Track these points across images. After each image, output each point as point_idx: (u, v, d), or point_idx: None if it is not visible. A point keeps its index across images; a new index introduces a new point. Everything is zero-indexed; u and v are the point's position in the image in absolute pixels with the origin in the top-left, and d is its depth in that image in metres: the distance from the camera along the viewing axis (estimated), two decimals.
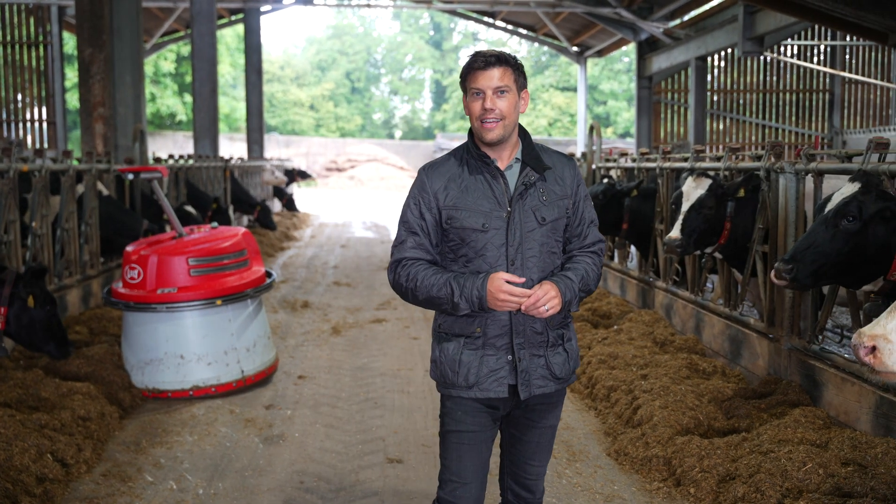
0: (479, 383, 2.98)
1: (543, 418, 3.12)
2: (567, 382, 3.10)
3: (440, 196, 3.00)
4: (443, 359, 3.04)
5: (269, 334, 6.99)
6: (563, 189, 3.06)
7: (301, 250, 16.40)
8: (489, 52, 2.94)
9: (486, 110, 2.91)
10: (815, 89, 23.23)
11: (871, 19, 10.51)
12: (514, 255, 2.95)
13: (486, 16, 26.75)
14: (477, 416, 3.03)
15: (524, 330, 2.98)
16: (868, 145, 4.83)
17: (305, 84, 58.34)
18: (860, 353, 2.65)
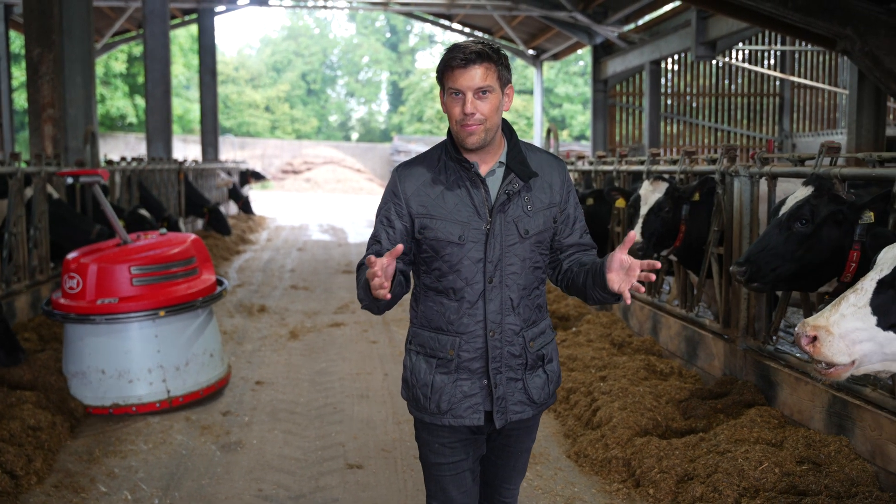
0: (452, 410, 2.74)
1: (520, 442, 2.91)
2: (545, 406, 2.87)
3: (412, 203, 2.71)
4: (414, 381, 2.80)
5: (216, 350, 6.53)
6: (551, 196, 2.78)
7: (257, 253, 16.22)
8: (469, 47, 2.60)
9: (467, 115, 2.62)
10: (765, 93, 23.67)
11: (819, 25, 10.72)
12: (492, 271, 2.69)
13: (443, 18, 26.77)
14: (457, 445, 2.80)
15: (501, 353, 2.73)
16: (820, 149, 4.92)
17: (261, 85, 57.79)
18: (802, 342, 2.70)
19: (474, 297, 2.70)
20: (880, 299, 2.69)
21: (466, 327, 2.71)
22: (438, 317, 2.75)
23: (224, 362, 6.70)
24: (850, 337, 2.65)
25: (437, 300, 2.75)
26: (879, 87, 11.62)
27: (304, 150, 49.44)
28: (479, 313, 2.71)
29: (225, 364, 6.71)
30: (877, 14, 10.59)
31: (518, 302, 2.73)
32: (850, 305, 2.70)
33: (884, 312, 2.67)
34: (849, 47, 10.66)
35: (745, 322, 5.68)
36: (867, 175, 4.54)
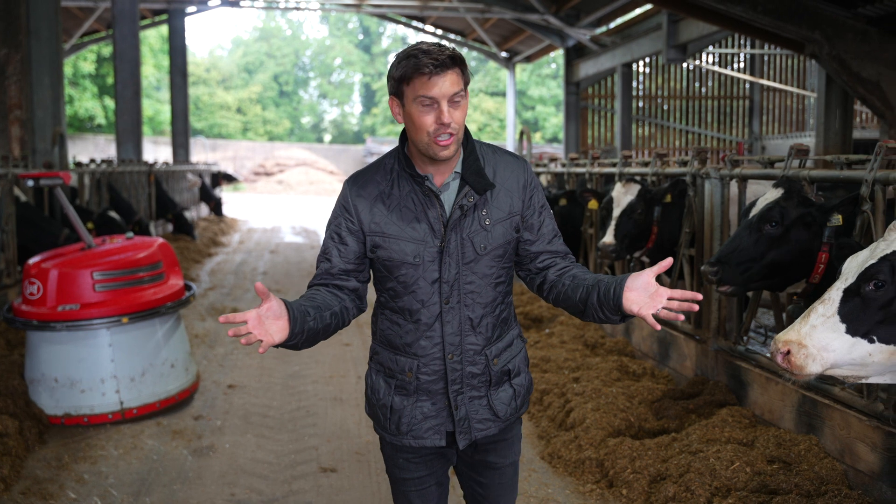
0: (412, 431, 2.61)
1: (501, 457, 2.75)
2: (513, 420, 2.71)
3: (364, 218, 2.53)
4: (374, 400, 2.67)
5: (179, 359, 6.28)
6: (511, 204, 2.57)
7: (229, 256, 16.10)
8: (437, 51, 2.38)
9: (443, 125, 2.40)
10: (735, 96, 23.93)
11: (788, 29, 10.87)
12: (448, 291, 2.51)
13: (416, 20, 26.77)
14: (422, 461, 2.70)
15: (461, 374, 2.58)
16: (789, 151, 4.98)
17: (232, 87, 57.43)
18: (777, 359, 2.74)
19: (431, 318, 2.54)
20: (847, 308, 2.74)
21: (424, 350, 2.56)
22: (395, 337, 2.60)
23: (189, 372, 6.43)
24: (820, 346, 2.72)
25: (393, 319, 2.60)
26: (847, 91, 11.79)
27: (277, 151, 49.21)
28: (436, 335, 2.55)
29: (190, 374, 6.44)
30: (844, 18, 10.76)
31: (479, 321, 2.57)
32: (819, 316, 2.76)
33: (851, 320, 2.73)
34: (817, 51, 10.81)
35: (717, 323, 5.73)
36: (835, 177, 4.60)
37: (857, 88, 10.94)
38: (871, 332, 2.73)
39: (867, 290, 2.74)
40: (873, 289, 2.74)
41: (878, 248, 2.82)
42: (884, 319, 2.73)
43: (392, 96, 2.50)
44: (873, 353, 2.75)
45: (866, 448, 4.12)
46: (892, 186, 4.03)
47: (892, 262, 2.74)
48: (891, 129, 10.97)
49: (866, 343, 2.74)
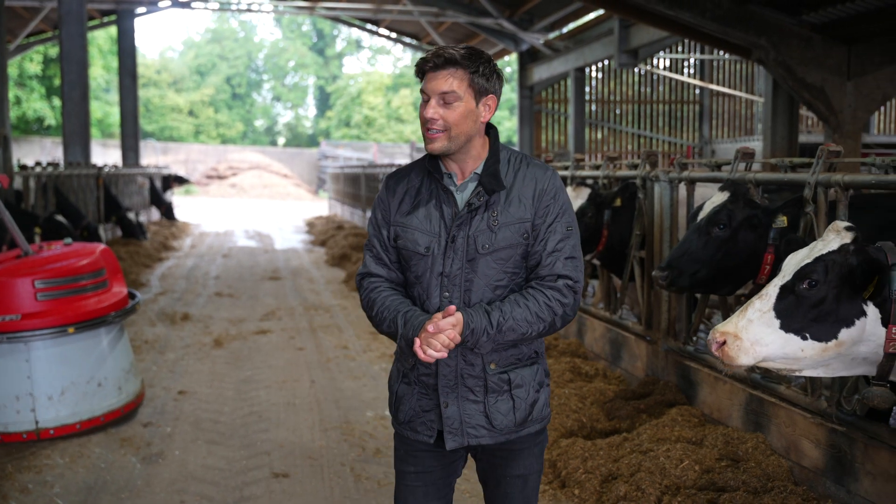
0: (409, 422, 2.68)
1: (508, 467, 2.71)
2: (515, 435, 2.65)
3: (393, 210, 2.68)
4: (390, 384, 2.78)
5: (109, 377, 5.87)
6: (524, 211, 2.58)
7: (181, 260, 15.88)
8: (442, 52, 2.51)
9: (427, 119, 2.52)
10: (685, 101, 24.32)
11: (736, 35, 11.08)
12: (449, 285, 2.57)
13: (370, 23, 26.71)
14: (422, 456, 2.71)
15: (455, 372, 2.60)
16: (736, 155, 5.08)
17: (184, 89, 56.67)
18: (712, 348, 2.84)
19: (431, 311, 2.59)
20: (783, 304, 2.83)
21: None
22: None
23: (123, 392, 5.98)
24: (754, 340, 2.81)
25: None
26: (793, 96, 12.06)
27: (230, 155, 48.68)
28: None
29: (124, 393, 6.00)
30: (789, 25, 11.00)
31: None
32: (755, 311, 2.85)
33: (786, 316, 2.82)
34: (763, 57, 11.03)
35: (667, 324, 5.81)
36: (780, 180, 4.69)
37: (802, 93, 11.20)
38: (804, 329, 2.82)
39: (801, 289, 2.82)
40: (807, 287, 2.82)
41: (816, 248, 2.90)
42: (816, 317, 2.81)
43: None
44: (805, 349, 2.83)
45: (811, 444, 4.21)
46: (833, 189, 4.13)
47: (826, 262, 2.82)
48: (834, 133, 11.25)
49: (799, 339, 2.82)
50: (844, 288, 2.81)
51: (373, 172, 19.83)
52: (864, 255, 2.81)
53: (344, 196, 25.45)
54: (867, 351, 2.86)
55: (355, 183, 22.72)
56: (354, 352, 8.12)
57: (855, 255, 2.82)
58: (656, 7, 11.05)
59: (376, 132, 53.65)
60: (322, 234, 20.32)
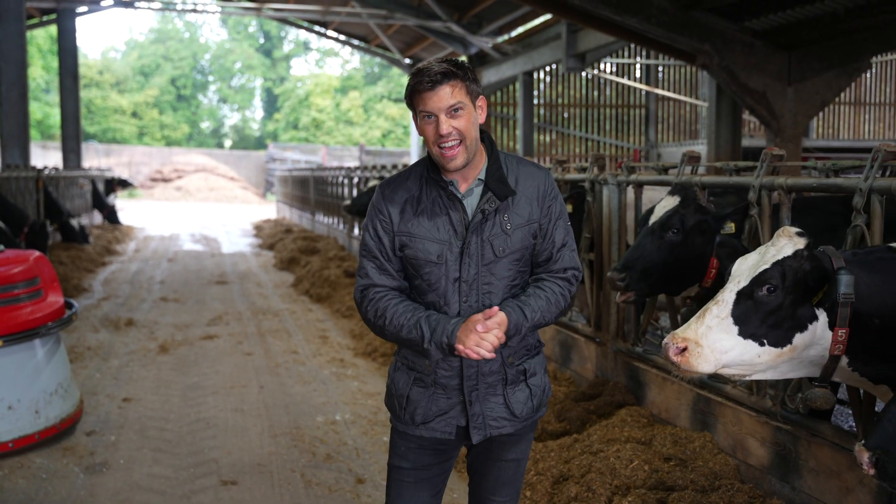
0: (426, 422, 2.75)
1: (506, 452, 2.86)
2: (530, 420, 2.82)
3: (395, 219, 2.70)
4: (393, 390, 2.82)
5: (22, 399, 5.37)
6: (531, 212, 2.71)
7: (124, 265, 15.56)
8: (433, 68, 2.57)
9: (442, 136, 2.56)
10: (632, 105, 24.66)
11: (681, 41, 11.27)
12: (467, 290, 2.67)
13: (318, 25, 26.54)
14: (421, 453, 2.82)
15: (477, 371, 2.72)
16: (682, 158, 5.15)
17: (127, 90, 55.59)
18: (670, 353, 2.80)
19: (452, 315, 2.67)
20: (740, 310, 2.83)
21: None
22: None
23: (41, 416, 5.45)
24: (715, 347, 2.80)
25: None
26: (736, 101, 12.30)
27: (175, 157, 47.92)
28: None
29: (43, 418, 5.45)
30: (732, 31, 11.23)
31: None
32: (713, 317, 2.83)
33: (744, 322, 2.82)
34: (707, 62, 11.24)
35: (616, 325, 5.87)
36: (725, 183, 4.77)
37: (745, 98, 11.43)
38: (761, 335, 2.83)
39: (760, 295, 2.83)
40: (766, 293, 2.82)
41: (769, 254, 2.91)
42: (774, 323, 2.83)
43: (412, 113, 2.69)
44: (762, 355, 2.85)
45: (756, 443, 4.29)
46: (776, 192, 4.21)
47: (784, 267, 2.84)
48: (776, 137, 11.51)
49: (756, 345, 2.83)
50: (799, 293, 2.84)
51: (322, 175, 19.68)
52: (816, 262, 2.84)
53: (293, 199, 25.22)
54: (815, 354, 2.90)
55: (304, 186, 22.54)
56: (304, 356, 8.05)
57: (808, 261, 2.84)
58: (603, 12, 11.17)
59: (325, 135, 53.32)
60: (270, 237, 20.11)
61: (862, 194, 3.58)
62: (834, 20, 10.37)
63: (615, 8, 10.95)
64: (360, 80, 57.04)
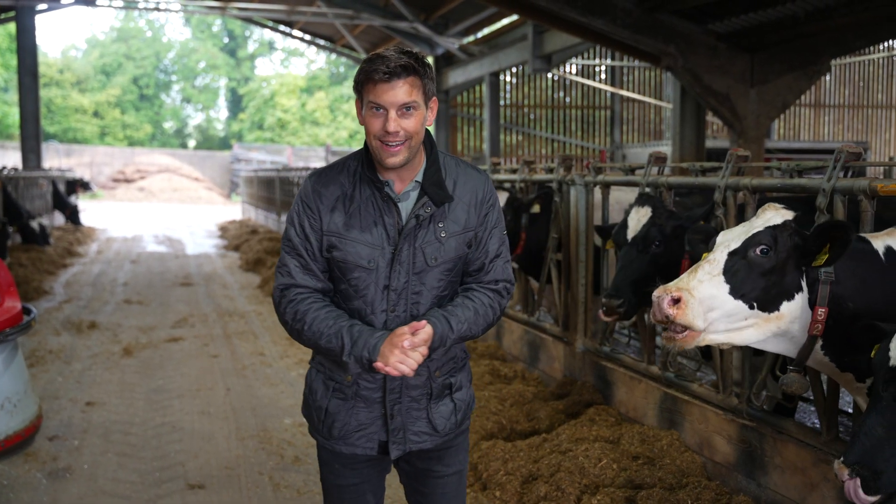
0: (345, 437, 2.60)
1: (445, 466, 2.72)
2: (451, 435, 2.68)
3: (324, 217, 2.50)
4: (311, 401, 2.66)
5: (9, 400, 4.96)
6: (468, 220, 2.56)
7: (86, 267, 15.31)
8: (394, 59, 2.37)
9: (389, 133, 2.39)
10: (597, 106, 24.84)
11: (646, 42, 11.38)
12: (395, 299, 2.51)
13: (284, 24, 26.36)
14: (358, 467, 2.68)
15: (401, 384, 2.57)
16: (649, 159, 5.19)
17: (88, 89, 54.71)
18: (664, 305, 2.75)
19: (377, 325, 2.52)
20: (732, 269, 2.87)
21: None
22: None
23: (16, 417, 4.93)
24: (706, 303, 2.80)
25: None
26: (700, 102, 12.45)
27: (138, 157, 47.27)
28: None
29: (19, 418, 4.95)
30: (696, 34, 11.36)
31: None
32: (705, 273, 2.85)
33: (735, 281, 2.86)
34: (672, 64, 11.36)
35: (583, 325, 5.90)
36: (691, 183, 4.82)
37: (708, 100, 11.58)
38: (752, 297, 2.87)
39: (753, 255, 2.87)
40: (759, 254, 2.88)
41: (756, 223, 2.98)
42: (764, 287, 2.87)
43: (357, 97, 2.51)
44: (749, 318, 2.88)
45: (723, 440, 4.34)
46: (742, 192, 4.26)
47: (776, 232, 2.91)
48: (739, 138, 11.66)
49: (746, 307, 2.86)
50: (790, 260, 2.91)
51: (287, 176, 19.55)
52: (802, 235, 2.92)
53: (258, 200, 25.02)
54: (797, 330, 2.96)
55: (270, 186, 22.36)
56: (271, 358, 7.98)
57: (797, 234, 2.92)
58: (569, 14, 11.25)
59: (290, 135, 52.95)
60: (236, 238, 19.93)
61: (825, 194, 3.64)
62: (794, 23, 10.55)
63: (581, 10, 11.03)
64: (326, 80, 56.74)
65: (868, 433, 2.40)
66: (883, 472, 2.37)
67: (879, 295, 3.01)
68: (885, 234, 3.20)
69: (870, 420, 2.42)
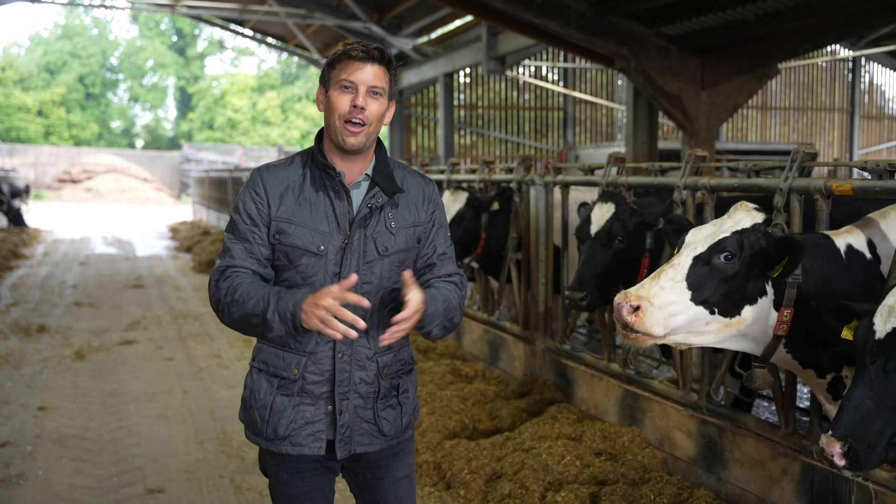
0: (290, 436, 2.54)
1: (391, 470, 2.70)
2: (397, 440, 2.67)
3: (273, 205, 2.54)
4: (252, 401, 2.59)
5: None
6: (416, 215, 2.64)
7: (33, 269, 14.95)
8: (370, 45, 2.52)
9: (356, 107, 2.47)
10: (550, 107, 25.03)
11: (599, 45, 11.50)
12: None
13: (235, 23, 26.04)
14: (307, 474, 2.63)
15: (350, 378, 2.55)
16: (608, 159, 5.26)
17: (32, 88, 53.38)
18: (623, 312, 2.77)
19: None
20: (695, 275, 2.88)
21: (315, 346, 2.54)
22: None
23: None
24: (667, 309, 2.80)
25: None
26: (652, 103, 12.62)
27: (84, 157, 46.28)
28: None
29: None
30: (648, 36, 11.53)
31: (373, 325, 2.55)
32: (668, 279, 2.85)
33: (697, 288, 2.87)
34: (625, 66, 11.51)
35: (544, 324, 5.95)
36: (651, 183, 4.90)
37: (661, 101, 11.75)
38: (713, 303, 2.88)
39: (717, 261, 2.88)
40: (723, 261, 2.89)
41: (726, 224, 2.99)
42: (726, 292, 2.88)
43: (320, 85, 2.60)
44: (710, 323, 2.89)
45: (683, 436, 4.41)
46: (700, 191, 4.34)
47: (743, 237, 2.92)
48: (691, 139, 11.86)
49: (707, 313, 2.88)
50: (755, 265, 2.92)
51: (240, 176, 19.33)
52: (775, 235, 2.93)
53: (210, 200, 24.68)
54: (759, 331, 2.99)
55: (222, 187, 22.08)
56: (227, 360, 7.89)
57: (765, 237, 2.93)
58: (524, 15, 11.32)
59: (241, 135, 52.33)
60: (187, 239, 19.64)
61: (782, 194, 3.73)
62: (745, 27, 10.77)
63: (536, 11, 11.11)
64: (277, 79, 56.19)
65: (858, 406, 2.34)
66: (875, 447, 2.32)
67: (840, 294, 3.08)
68: (845, 232, 3.28)
69: (858, 393, 2.37)
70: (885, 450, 2.34)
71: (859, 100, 25.18)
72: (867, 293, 3.15)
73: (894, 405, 2.33)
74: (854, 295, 3.05)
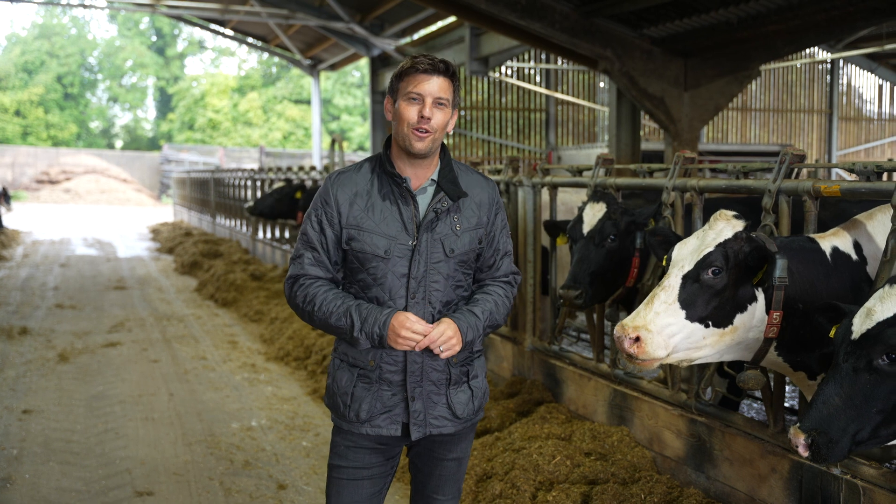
0: (371, 420, 2.76)
1: (448, 452, 2.91)
2: (470, 422, 2.88)
3: (343, 211, 2.73)
4: (335, 388, 2.82)
5: None
6: (479, 217, 2.82)
7: (13, 271, 14.81)
8: (436, 59, 2.69)
9: (424, 118, 2.64)
10: (533, 108, 25.08)
11: (583, 46, 11.55)
12: (415, 287, 2.71)
13: (216, 23, 25.93)
14: (361, 452, 2.82)
15: (421, 367, 2.75)
16: (596, 161, 5.29)
17: (9, 87, 52.88)
18: (625, 345, 2.85)
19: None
20: (686, 294, 2.93)
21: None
22: None
23: None
24: (665, 332, 2.88)
25: None
26: (636, 105, 12.70)
27: (63, 158, 45.90)
28: None
29: None
30: (632, 38, 11.59)
31: (440, 318, 2.72)
32: (661, 303, 2.92)
33: (690, 306, 2.92)
34: (609, 67, 11.56)
35: (532, 324, 5.97)
36: (639, 185, 4.93)
37: (644, 103, 11.82)
38: (706, 317, 2.94)
39: (706, 277, 2.93)
40: (711, 276, 2.94)
41: (709, 237, 3.03)
42: (718, 305, 2.94)
43: (388, 95, 2.77)
44: (707, 337, 2.96)
45: (672, 435, 4.45)
46: (689, 192, 4.38)
47: (726, 249, 2.97)
48: (674, 140, 11.94)
49: (702, 328, 2.94)
50: (740, 274, 2.97)
51: (222, 177, 19.23)
52: (755, 243, 2.98)
53: (191, 202, 24.54)
54: (751, 337, 3.04)
55: (203, 188, 21.96)
56: (213, 362, 7.86)
57: (748, 243, 2.98)
58: (508, 17, 11.34)
59: (222, 136, 52.05)
60: (169, 241, 19.51)
61: (771, 195, 3.77)
62: (727, 29, 10.85)
63: (520, 13, 11.13)
64: (259, 80, 55.94)
65: (826, 402, 2.43)
66: (838, 441, 2.42)
67: (826, 296, 3.12)
68: (830, 235, 3.32)
69: (828, 389, 2.46)
70: (850, 445, 2.43)
71: (837, 101, 25.42)
72: (855, 295, 3.20)
73: (860, 404, 2.41)
74: (841, 297, 3.10)
